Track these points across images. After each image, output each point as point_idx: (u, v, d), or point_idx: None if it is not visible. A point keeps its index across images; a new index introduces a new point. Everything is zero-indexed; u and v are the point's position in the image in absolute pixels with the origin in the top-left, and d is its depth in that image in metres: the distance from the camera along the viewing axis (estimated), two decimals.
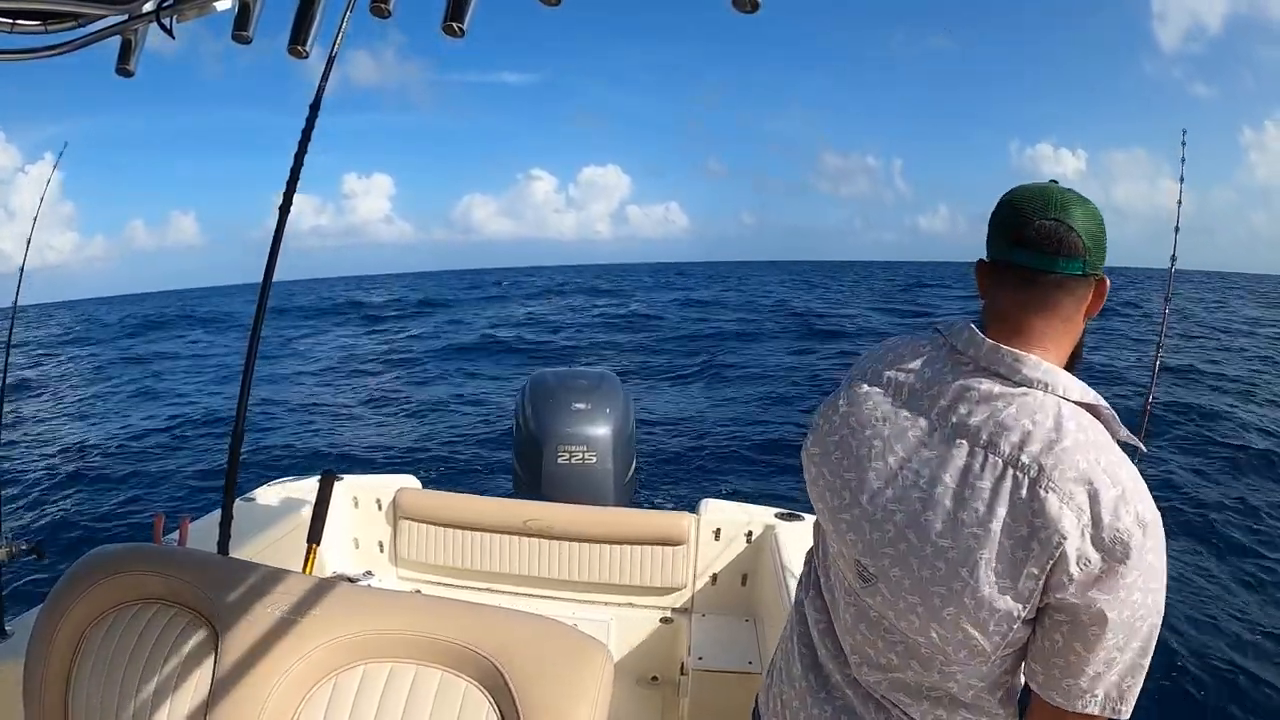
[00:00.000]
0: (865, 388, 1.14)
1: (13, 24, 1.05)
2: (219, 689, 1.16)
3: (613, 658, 1.16)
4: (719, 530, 3.03)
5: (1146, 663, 0.95)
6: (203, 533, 2.27)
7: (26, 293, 2.81)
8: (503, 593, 3.10)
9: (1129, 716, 0.96)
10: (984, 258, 1.10)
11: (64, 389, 14.82)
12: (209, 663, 1.19)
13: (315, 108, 1.84)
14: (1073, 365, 1.08)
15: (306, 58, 1.13)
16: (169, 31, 1.13)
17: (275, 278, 1.81)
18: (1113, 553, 0.90)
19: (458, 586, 3.14)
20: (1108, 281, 1.05)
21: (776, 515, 3.05)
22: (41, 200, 2.66)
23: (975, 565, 0.96)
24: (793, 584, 2.46)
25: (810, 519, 3.04)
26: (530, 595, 3.07)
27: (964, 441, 1.00)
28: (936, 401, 1.05)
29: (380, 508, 3.31)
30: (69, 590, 1.29)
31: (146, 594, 1.28)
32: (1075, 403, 0.99)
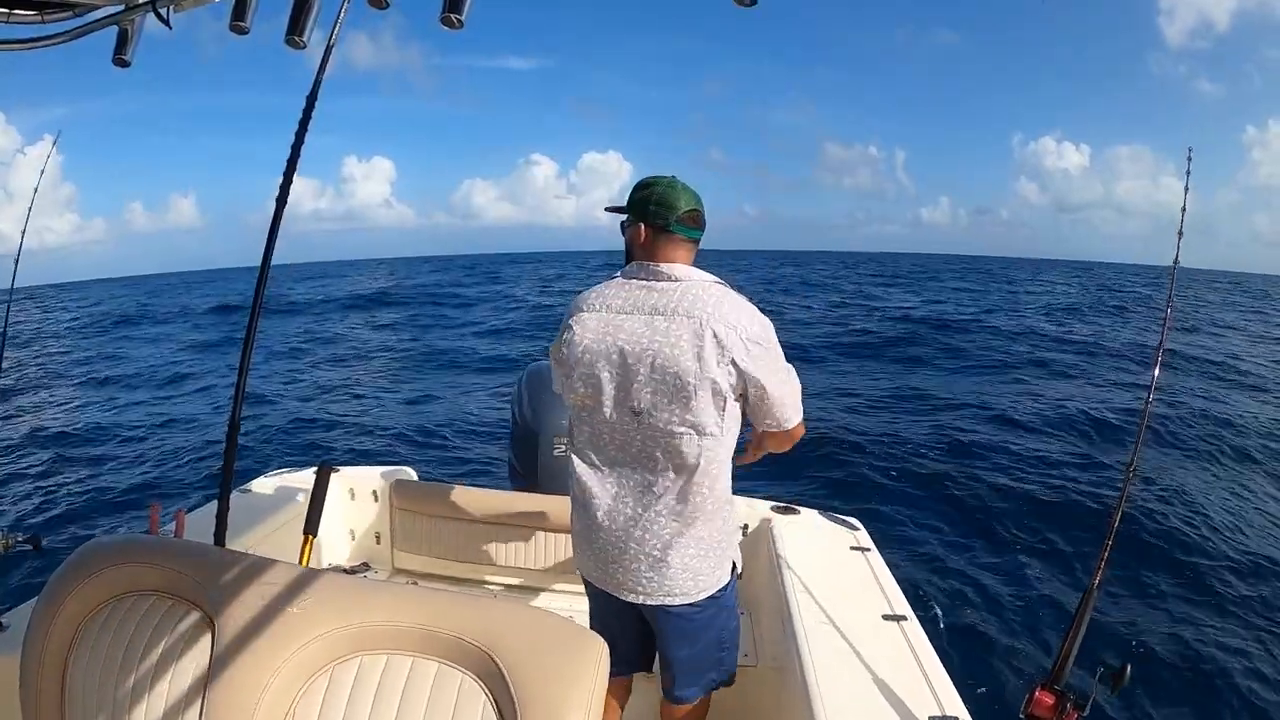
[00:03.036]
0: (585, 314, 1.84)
1: (9, 14, 1.05)
2: (216, 680, 1.16)
3: (608, 650, 1.17)
4: None
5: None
6: (199, 524, 2.27)
7: (23, 276, 2.81)
8: (499, 585, 3.10)
9: None
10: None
11: (57, 378, 14.77)
12: (206, 654, 1.19)
13: (312, 99, 1.83)
14: None
15: (304, 48, 1.12)
16: (165, 21, 1.13)
17: (274, 261, 1.80)
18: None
19: (454, 578, 3.15)
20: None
21: (772, 508, 3.05)
22: (37, 189, 2.64)
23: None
24: (789, 577, 2.46)
25: (806, 511, 3.05)
26: (527, 587, 3.08)
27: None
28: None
29: (377, 499, 3.31)
30: (65, 582, 1.29)
31: (143, 585, 1.28)
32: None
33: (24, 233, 2.59)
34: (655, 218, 1.81)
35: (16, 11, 1.07)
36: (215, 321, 25.09)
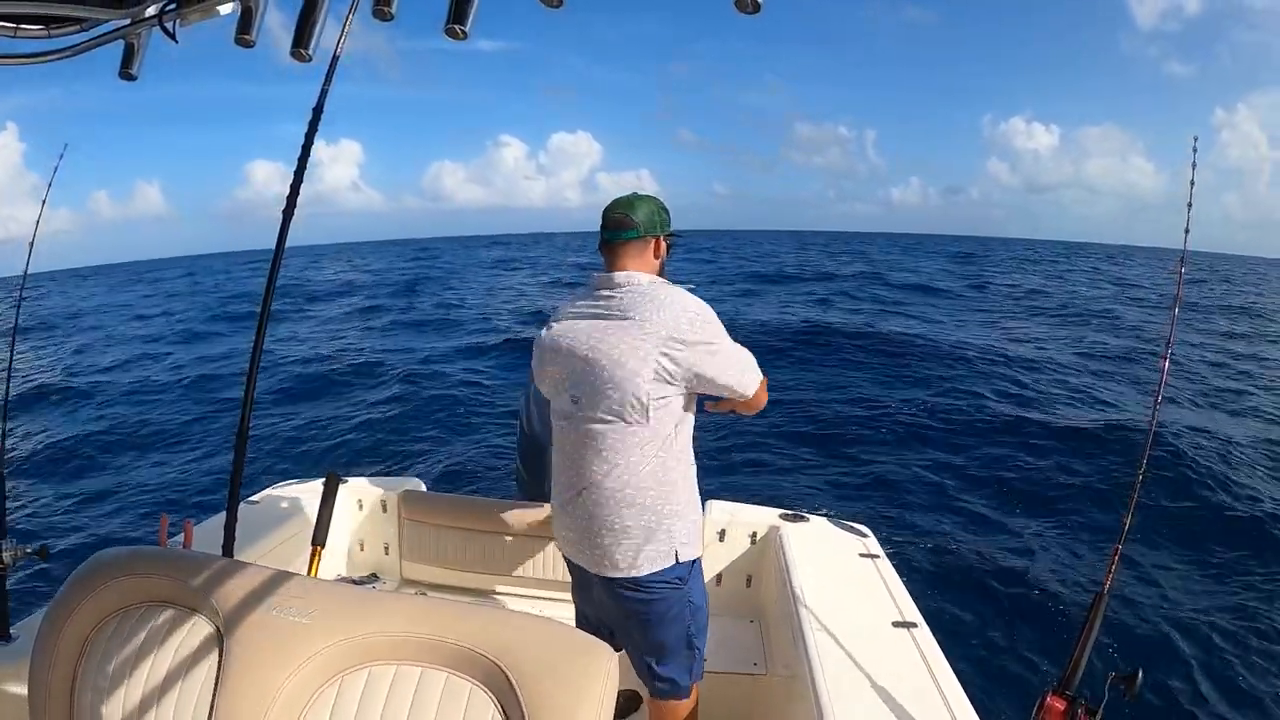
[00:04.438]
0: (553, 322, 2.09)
1: (16, 28, 1.06)
2: (225, 691, 1.16)
3: (617, 659, 1.16)
4: (723, 531, 3.03)
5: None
6: (207, 535, 2.28)
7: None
8: (508, 595, 3.10)
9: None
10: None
11: (58, 384, 14.78)
12: (214, 665, 1.19)
13: (319, 111, 1.83)
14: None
15: (310, 61, 1.12)
16: (171, 35, 1.13)
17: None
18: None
19: (463, 589, 3.15)
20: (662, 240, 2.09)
21: (780, 516, 3.04)
22: (51, 182, 2.65)
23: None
24: (798, 585, 2.45)
25: (815, 518, 3.04)
26: (535, 597, 3.07)
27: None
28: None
29: (385, 510, 3.31)
30: (74, 593, 1.29)
31: (152, 596, 1.28)
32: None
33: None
34: (600, 235, 2.08)
35: (23, 26, 1.08)
36: (216, 325, 25.05)
